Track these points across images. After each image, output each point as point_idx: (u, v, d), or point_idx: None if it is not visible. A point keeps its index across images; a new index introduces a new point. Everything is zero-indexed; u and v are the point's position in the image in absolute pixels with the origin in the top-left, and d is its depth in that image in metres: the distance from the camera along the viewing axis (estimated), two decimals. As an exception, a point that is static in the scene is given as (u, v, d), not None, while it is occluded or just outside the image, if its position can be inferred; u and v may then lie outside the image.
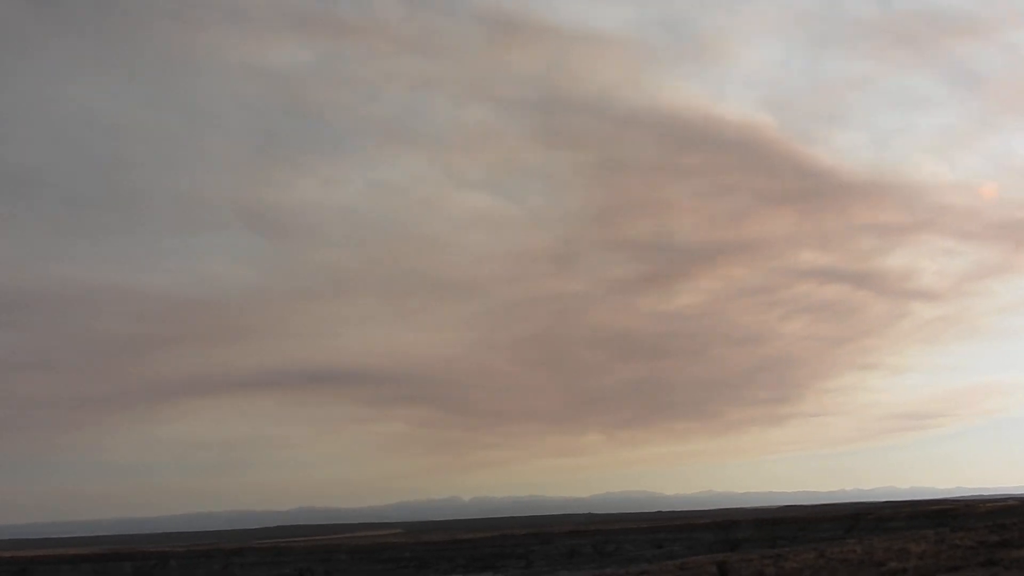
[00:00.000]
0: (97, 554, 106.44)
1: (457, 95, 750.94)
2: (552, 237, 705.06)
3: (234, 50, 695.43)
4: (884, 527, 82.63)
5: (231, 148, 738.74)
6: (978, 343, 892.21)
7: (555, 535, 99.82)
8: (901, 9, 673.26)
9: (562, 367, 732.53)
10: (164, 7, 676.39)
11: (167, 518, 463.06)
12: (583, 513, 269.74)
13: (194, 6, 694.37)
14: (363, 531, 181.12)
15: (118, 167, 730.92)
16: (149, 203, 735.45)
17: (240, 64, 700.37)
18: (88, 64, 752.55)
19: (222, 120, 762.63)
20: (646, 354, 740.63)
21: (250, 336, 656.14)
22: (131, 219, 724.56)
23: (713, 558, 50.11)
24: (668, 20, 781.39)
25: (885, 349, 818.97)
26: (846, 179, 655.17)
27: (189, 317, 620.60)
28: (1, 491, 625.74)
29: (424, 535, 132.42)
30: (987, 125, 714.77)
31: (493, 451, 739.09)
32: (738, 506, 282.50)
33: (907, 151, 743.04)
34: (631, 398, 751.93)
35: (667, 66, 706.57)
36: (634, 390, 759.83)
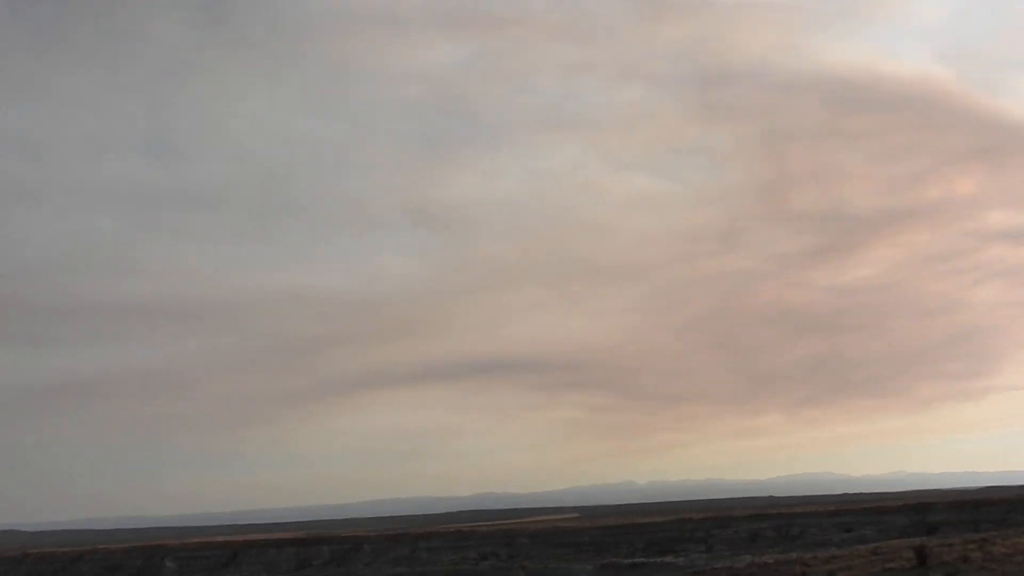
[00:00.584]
0: (298, 539, 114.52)
1: (610, 77, 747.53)
2: (716, 214, 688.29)
3: (392, 54, 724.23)
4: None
5: (394, 149, 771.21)
6: None
7: (735, 519, 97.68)
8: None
9: (734, 347, 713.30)
10: (326, 20, 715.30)
11: (354, 505, 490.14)
12: (763, 496, 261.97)
13: (354, 16, 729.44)
14: (541, 516, 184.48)
15: (291, 176, 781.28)
16: (323, 208, 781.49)
17: (398, 67, 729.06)
18: (259, 81, 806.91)
19: (384, 123, 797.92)
20: (822, 330, 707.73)
21: (421, 330, 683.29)
22: (306, 225, 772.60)
23: (910, 542, 47.49)
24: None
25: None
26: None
27: (364, 315, 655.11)
28: (205, 482, 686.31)
29: (601, 519, 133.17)
30: None
31: (667, 434, 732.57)
32: (933, 487, 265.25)
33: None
34: (808, 376, 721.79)
35: (828, 26, 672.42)
36: (811, 368, 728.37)
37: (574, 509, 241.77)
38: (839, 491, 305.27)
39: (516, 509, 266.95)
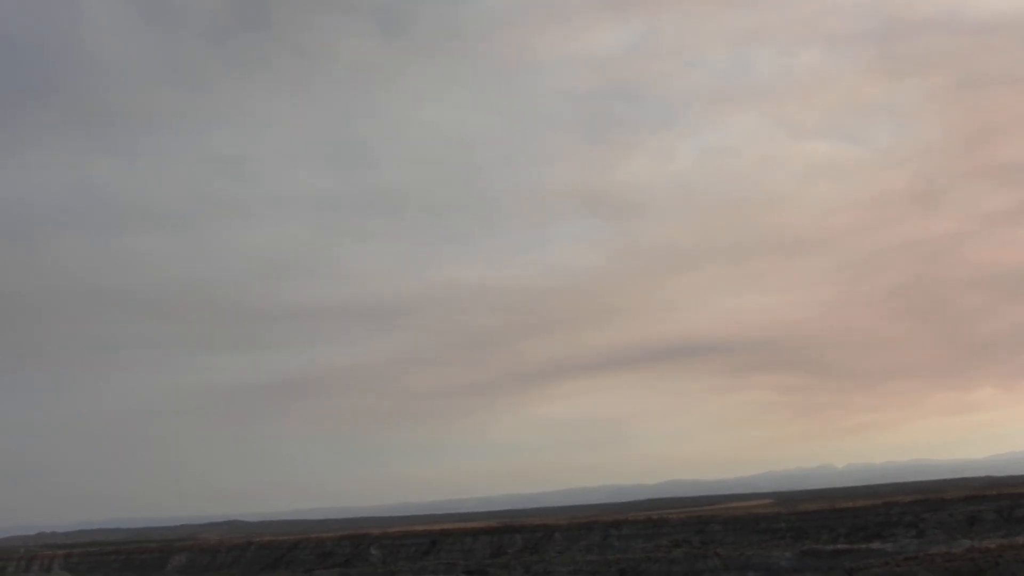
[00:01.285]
0: (492, 527, 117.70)
1: (783, 42, 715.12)
2: (908, 176, 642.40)
3: (558, 43, 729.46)
4: None
5: (566, 139, 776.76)
6: None
7: (949, 501, 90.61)
8: None
9: (938, 316, 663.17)
10: (495, 17, 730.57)
11: (545, 494, 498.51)
12: (980, 476, 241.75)
13: (521, 10, 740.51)
14: (734, 502, 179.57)
15: (470, 175, 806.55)
16: (500, 203, 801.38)
17: (565, 56, 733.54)
18: (437, 85, 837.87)
19: (555, 113, 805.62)
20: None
21: (602, 318, 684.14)
22: (486, 220, 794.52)
23: None
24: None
25: None
26: None
27: (545, 305, 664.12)
28: (404, 472, 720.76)
29: (798, 504, 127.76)
30: None
31: (866, 414, 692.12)
32: None
33: None
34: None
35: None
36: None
37: (768, 495, 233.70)
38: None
39: (707, 496, 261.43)
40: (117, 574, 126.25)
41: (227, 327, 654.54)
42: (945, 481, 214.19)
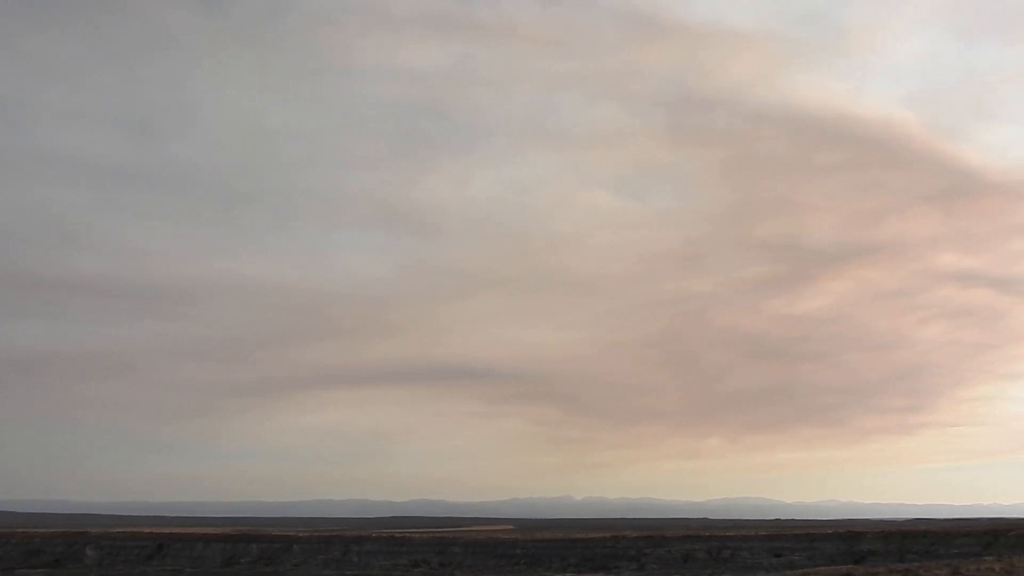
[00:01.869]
0: (227, 534, 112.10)
1: (590, 94, 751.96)
2: (679, 237, 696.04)
3: (377, 52, 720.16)
4: (1027, 546, 77.24)
5: (370, 148, 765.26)
6: None
7: (669, 539, 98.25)
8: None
9: (687, 369, 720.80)
10: (321, 15, 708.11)
11: (288, 504, 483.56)
12: (699, 518, 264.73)
13: (347, 11, 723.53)
14: (476, 526, 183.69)
15: (272, 167, 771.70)
16: (295, 201, 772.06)
17: (381, 66, 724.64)
18: (249, 72, 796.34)
19: (361, 120, 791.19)
20: (774, 357, 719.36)
21: (381, 331, 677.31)
22: (278, 216, 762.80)
23: (837, 570, 48.15)
24: (810, 13, 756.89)
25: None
26: (994, 178, 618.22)
27: (321, 311, 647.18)
28: (138, 469, 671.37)
29: (537, 532, 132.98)
30: None
31: (611, 451, 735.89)
32: (864, 516, 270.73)
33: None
34: (757, 402, 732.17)
35: (804, 61, 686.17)
36: (761, 394, 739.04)
37: (510, 521, 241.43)
38: (772, 516, 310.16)
39: (453, 518, 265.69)
40: None
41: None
42: (668, 520, 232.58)
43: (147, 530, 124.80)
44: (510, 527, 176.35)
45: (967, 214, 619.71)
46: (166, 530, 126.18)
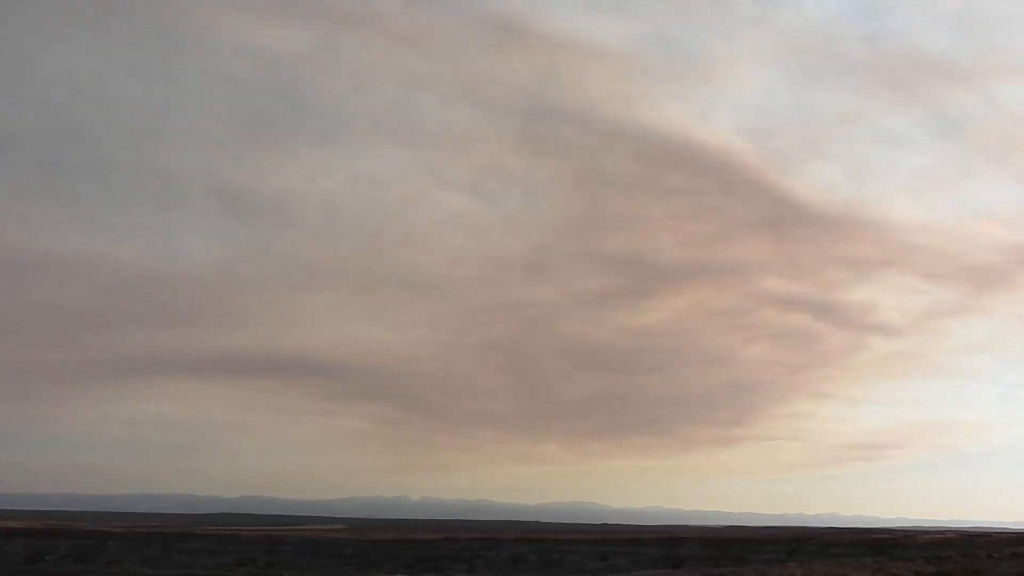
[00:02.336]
0: (32, 529, 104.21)
1: (448, 95, 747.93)
2: (527, 244, 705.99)
3: (229, 28, 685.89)
4: (826, 552, 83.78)
5: (215, 127, 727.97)
6: (933, 380, 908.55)
7: (502, 541, 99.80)
8: (889, 50, 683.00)
9: (527, 375, 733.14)
10: None
11: (112, 497, 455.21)
12: (531, 521, 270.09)
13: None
14: (308, 524, 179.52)
15: (98, 135, 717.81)
16: (126, 174, 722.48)
17: (234, 43, 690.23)
18: (79, 27, 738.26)
19: (209, 98, 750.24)
20: (611, 368, 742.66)
21: (215, 319, 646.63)
22: (109, 191, 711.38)
23: (656, 574, 50.44)
24: (665, 38, 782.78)
25: (842, 379, 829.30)
26: (820, 211, 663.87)
27: (153, 294, 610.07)
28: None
29: (370, 532, 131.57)
30: (961, 171, 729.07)
31: (450, 453, 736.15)
32: (685, 523, 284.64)
33: (882, 189, 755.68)
34: (593, 410, 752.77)
35: (656, 84, 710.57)
36: (597, 403, 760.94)
37: (343, 520, 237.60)
38: (601, 521, 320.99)
39: (285, 516, 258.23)
40: None
41: None
42: (502, 522, 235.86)
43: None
44: (343, 526, 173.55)
45: (793, 243, 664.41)
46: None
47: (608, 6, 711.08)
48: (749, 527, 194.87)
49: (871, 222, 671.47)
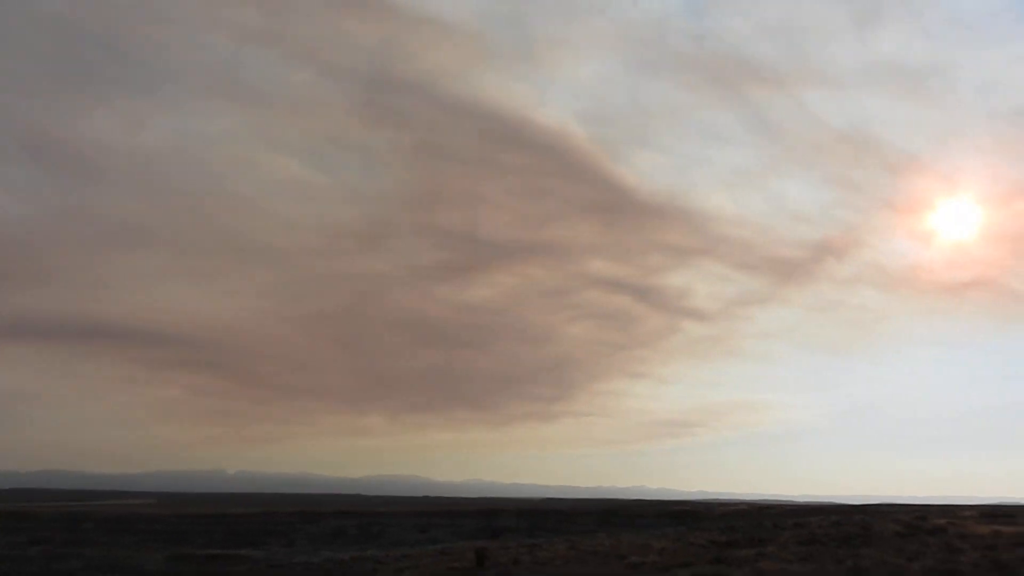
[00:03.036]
0: None
1: (285, 55, 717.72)
2: (362, 214, 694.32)
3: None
4: (633, 524, 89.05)
5: (29, 70, 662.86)
6: (737, 363, 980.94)
7: (321, 515, 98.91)
8: (716, 50, 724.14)
9: (356, 347, 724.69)
10: None
11: None
12: (353, 494, 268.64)
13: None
14: (114, 499, 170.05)
15: None
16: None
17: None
18: None
19: (24, 39, 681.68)
20: (441, 342, 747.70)
21: (20, 279, 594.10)
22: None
23: (473, 545, 51.89)
24: (509, 18, 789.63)
25: (655, 360, 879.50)
26: (644, 198, 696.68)
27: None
28: None
29: (182, 507, 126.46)
30: (772, 170, 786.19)
31: (272, 425, 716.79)
32: (504, 496, 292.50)
33: (702, 181, 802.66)
34: (421, 384, 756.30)
35: (499, 62, 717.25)
36: (425, 376, 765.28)
37: (153, 495, 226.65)
38: (423, 494, 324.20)
39: (88, 491, 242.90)
40: None
41: None
42: (323, 496, 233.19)
43: None
44: (152, 501, 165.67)
45: (619, 228, 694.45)
46: None
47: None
48: (564, 499, 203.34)
49: (690, 212, 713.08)
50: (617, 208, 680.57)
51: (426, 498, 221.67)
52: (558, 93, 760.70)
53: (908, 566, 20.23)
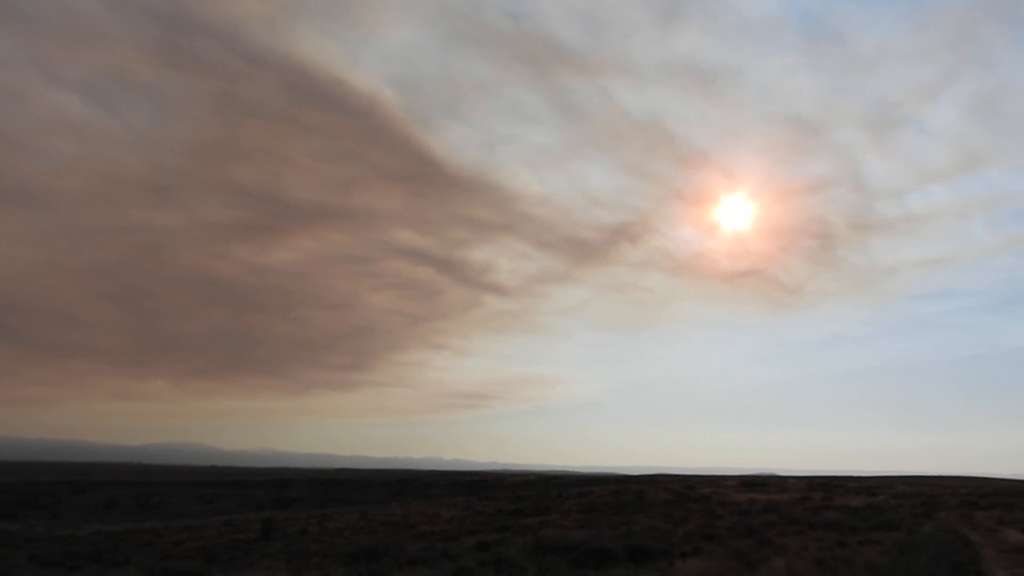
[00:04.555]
0: None
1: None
2: (151, 163, 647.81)
3: None
4: (426, 494, 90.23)
5: None
6: (532, 338, 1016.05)
7: (92, 484, 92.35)
8: (528, 30, 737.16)
9: (137, 306, 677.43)
10: None
11: None
12: (131, 463, 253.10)
13: None
14: None
15: None
16: None
17: None
18: None
19: None
20: (235, 305, 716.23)
21: None
22: None
23: (261, 515, 50.56)
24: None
25: (455, 332, 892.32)
26: (453, 171, 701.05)
27: None
28: None
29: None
30: (574, 152, 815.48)
31: (35, 387, 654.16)
32: (297, 466, 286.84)
33: (509, 159, 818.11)
34: (211, 348, 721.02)
35: (311, 17, 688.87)
36: (216, 340, 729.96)
37: None
38: (210, 463, 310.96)
39: None
40: None
41: None
42: (96, 464, 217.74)
43: None
44: None
45: (426, 199, 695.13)
46: None
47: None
48: (358, 469, 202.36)
49: (496, 188, 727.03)
50: (425, 179, 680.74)
51: (213, 467, 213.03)
52: (371, 56, 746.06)
53: (674, 531, 21.95)
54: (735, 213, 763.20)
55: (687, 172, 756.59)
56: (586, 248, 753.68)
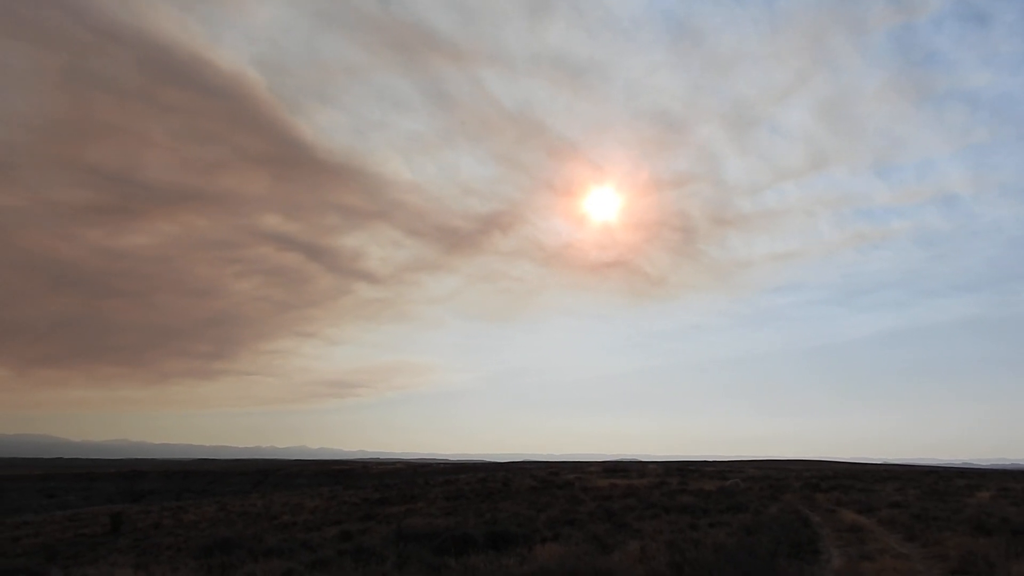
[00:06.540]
0: None
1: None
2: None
3: None
4: (290, 483, 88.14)
5: None
6: (403, 327, 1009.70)
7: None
8: (399, 16, 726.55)
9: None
10: None
11: None
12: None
13: None
14: None
15: None
16: None
17: None
18: None
19: None
20: (84, 290, 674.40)
21: None
22: None
23: (110, 509, 48.09)
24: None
25: (325, 320, 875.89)
26: (322, 156, 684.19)
27: None
28: None
29: None
30: (446, 140, 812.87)
31: None
32: (154, 457, 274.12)
33: (379, 145, 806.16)
34: (56, 334, 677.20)
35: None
36: (63, 326, 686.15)
37: None
38: (55, 455, 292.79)
39: None
40: None
41: None
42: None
43: None
44: None
45: (293, 183, 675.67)
46: None
47: None
48: (219, 460, 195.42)
49: (367, 175, 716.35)
50: (293, 163, 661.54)
51: (59, 460, 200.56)
52: (234, 35, 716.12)
53: (537, 517, 22.32)
54: (603, 205, 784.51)
55: (557, 163, 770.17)
56: (457, 237, 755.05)
